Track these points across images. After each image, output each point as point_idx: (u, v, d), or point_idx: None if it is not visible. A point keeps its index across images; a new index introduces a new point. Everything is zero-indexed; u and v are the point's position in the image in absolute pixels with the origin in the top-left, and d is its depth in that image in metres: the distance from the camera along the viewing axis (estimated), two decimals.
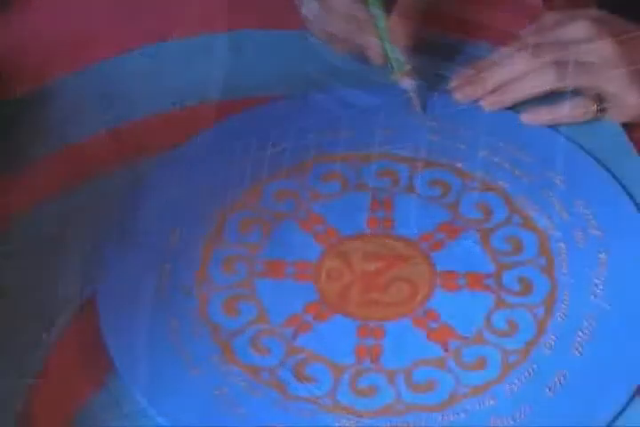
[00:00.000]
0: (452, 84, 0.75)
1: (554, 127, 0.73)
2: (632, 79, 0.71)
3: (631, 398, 0.59)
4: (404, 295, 0.64)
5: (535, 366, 0.61)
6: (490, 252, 0.66)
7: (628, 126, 0.73)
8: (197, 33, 0.80)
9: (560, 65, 0.71)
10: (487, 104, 0.74)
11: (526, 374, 0.61)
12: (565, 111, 0.72)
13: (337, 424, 0.59)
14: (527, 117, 0.73)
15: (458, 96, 0.74)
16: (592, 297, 0.63)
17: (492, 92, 0.73)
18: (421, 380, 0.60)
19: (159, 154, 0.72)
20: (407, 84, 0.73)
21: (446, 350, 0.62)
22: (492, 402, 0.60)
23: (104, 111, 0.75)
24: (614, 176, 0.70)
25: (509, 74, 0.72)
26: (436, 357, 0.61)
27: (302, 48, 0.78)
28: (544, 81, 0.71)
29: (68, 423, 0.59)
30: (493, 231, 0.67)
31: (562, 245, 0.66)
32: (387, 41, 0.71)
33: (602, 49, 0.71)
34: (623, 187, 0.69)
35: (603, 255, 0.65)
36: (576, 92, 0.72)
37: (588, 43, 0.71)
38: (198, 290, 0.64)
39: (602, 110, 0.72)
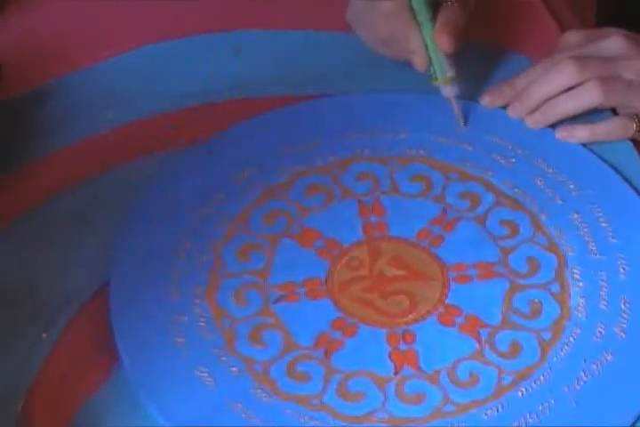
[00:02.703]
0: (485, 99, 0.74)
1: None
2: None
3: None
4: (401, 308, 0.64)
5: (572, 339, 0.62)
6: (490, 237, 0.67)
7: None
8: (197, 33, 0.80)
9: (605, 81, 0.69)
10: (532, 122, 0.73)
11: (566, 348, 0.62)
12: (605, 129, 0.71)
13: None
14: (563, 134, 0.72)
15: (510, 113, 0.73)
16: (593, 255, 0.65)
17: (537, 108, 0.72)
18: (464, 377, 0.61)
19: (158, 155, 0.72)
20: (448, 91, 0.73)
21: (479, 342, 0.62)
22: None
23: (104, 111, 0.75)
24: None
25: (556, 87, 0.71)
26: (472, 350, 0.62)
27: (303, 48, 0.79)
28: (590, 98, 0.70)
29: (68, 423, 0.59)
30: (486, 217, 0.68)
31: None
32: (431, 47, 0.71)
33: None
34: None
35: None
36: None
37: (629, 59, 0.70)
38: (220, 326, 0.63)
39: None
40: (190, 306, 0.64)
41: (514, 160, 0.71)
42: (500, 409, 0.59)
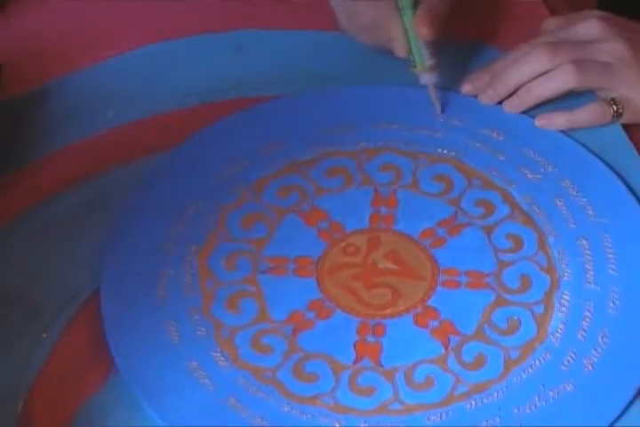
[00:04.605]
0: (466, 87, 0.75)
1: (566, 132, 0.73)
2: None
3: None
4: (382, 301, 0.64)
5: (538, 362, 0.61)
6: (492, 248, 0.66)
7: (627, 127, 0.73)
8: (197, 33, 0.80)
9: (579, 64, 0.70)
10: (509, 106, 0.73)
11: (529, 371, 0.61)
12: (583, 116, 0.72)
13: (338, 426, 0.59)
14: (542, 122, 0.73)
15: (483, 99, 0.74)
16: (587, 284, 0.64)
17: (513, 92, 0.73)
18: (420, 379, 0.60)
19: (159, 154, 0.72)
20: (427, 79, 0.73)
21: (446, 348, 0.62)
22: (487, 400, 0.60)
23: (104, 111, 0.75)
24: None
25: (529, 73, 0.72)
26: (436, 355, 0.61)
27: (303, 48, 0.79)
28: (564, 80, 0.71)
29: (68, 423, 0.59)
30: (494, 228, 0.67)
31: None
32: (411, 34, 0.71)
33: (617, 49, 0.71)
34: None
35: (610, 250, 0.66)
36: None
37: (604, 42, 0.71)
38: (202, 287, 0.64)
39: (618, 115, 0.72)
40: (180, 304, 0.64)
41: (540, 177, 0.70)
42: (444, 417, 0.59)
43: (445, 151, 0.71)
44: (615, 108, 0.72)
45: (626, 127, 0.73)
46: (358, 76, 0.77)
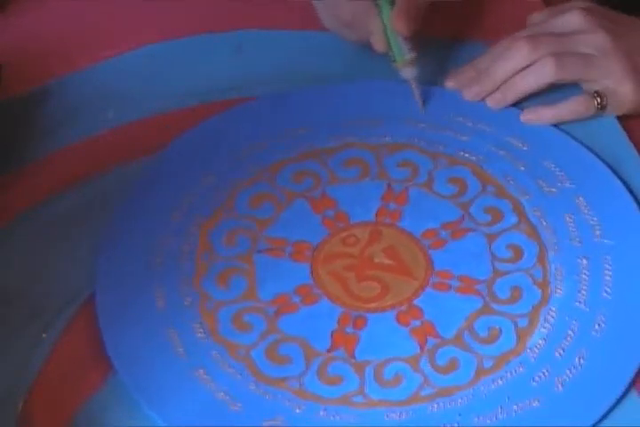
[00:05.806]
0: (449, 83, 0.75)
1: (557, 126, 0.73)
2: (626, 71, 0.71)
3: None
4: (369, 294, 0.64)
5: (509, 375, 0.60)
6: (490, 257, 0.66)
7: (628, 127, 0.73)
8: (197, 33, 0.80)
9: (558, 57, 0.70)
10: (492, 101, 0.73)
11: (498, 382, 0.60)
12: (567, 109, 0.72)
13: (298, 411, 0.59)
14: (528, 117, 0.73)
15: (467, 96, 0.74)
16: (577, 303, 0.63)
17: (497, 88, 0.73)
18: (388, 375, 0.60)
19: (159, 154, 0.72)
20: (407, 73, 0.73)
21: (422, 349, 0.61)
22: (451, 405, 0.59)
23: (104, 111, 0.75)
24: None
25: (512, 68, 0.72)
26: (410, 354, 0.61)
27: (303, 48, 0.79)
28: (544, 74, 0.71)
29: (68, 423, 0.59)
30: (498, 236, 0.67)
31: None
32: (389, 29, 0.71)
33: (598, 40, 0.71)
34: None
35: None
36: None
37: (584, 34, 0.71)
38: (199, 259, 0.65)
39: (602, 107, 0.72)
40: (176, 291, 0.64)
41: (555, 191, 0.69)
42: (403, 416, 0.59)
43: (467, 155, 0.71)
44: (599, 100, 0.72)
45: (626, 127, 0.73)
46: (359, 77, 0.77)
